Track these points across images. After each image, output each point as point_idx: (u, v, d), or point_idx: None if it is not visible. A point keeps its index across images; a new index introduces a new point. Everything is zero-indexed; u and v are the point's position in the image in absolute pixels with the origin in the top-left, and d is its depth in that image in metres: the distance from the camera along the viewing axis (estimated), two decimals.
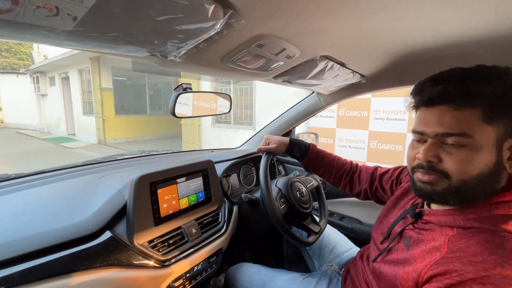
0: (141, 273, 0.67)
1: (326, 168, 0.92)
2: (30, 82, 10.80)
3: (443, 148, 0.46)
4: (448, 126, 0.45)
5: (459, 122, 0.44)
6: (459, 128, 0.44)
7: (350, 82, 1.07)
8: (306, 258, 1.06)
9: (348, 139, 3.73)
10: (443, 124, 0.45)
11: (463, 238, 0.44)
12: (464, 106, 0.44)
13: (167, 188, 0.79)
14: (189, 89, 0.84)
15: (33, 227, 0.62)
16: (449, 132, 0.45)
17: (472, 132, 0.43)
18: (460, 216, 0.47)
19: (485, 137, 0.43)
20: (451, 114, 0.45)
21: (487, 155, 0.43)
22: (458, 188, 0.45)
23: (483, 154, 0.43)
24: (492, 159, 0.43)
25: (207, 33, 0.45)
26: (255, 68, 0.72)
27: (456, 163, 0.44)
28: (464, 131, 0.43)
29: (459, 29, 0.65)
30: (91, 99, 8.09)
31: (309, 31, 0.58)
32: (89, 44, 0.40)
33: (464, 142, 0.43)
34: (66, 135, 9.52)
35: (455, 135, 0.44)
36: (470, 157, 0.43)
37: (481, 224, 0.44)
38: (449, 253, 0.44)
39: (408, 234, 0.56)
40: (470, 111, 0.43)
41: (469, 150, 0.43)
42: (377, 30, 0.63)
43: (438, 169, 0.47)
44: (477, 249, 0.41)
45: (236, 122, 5.57)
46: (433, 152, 0.47)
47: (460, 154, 0.44)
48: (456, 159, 0.44)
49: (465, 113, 0.44)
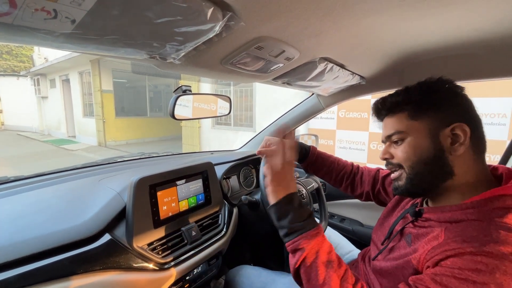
0: (140, 276, 0.67)
1: (327, 170, 0.92)
2: (30, 84, 10.84)
3: (393, 146, 0.59)
4: (388, 129, 0.59)
5: (394, 124, 0.58)
6: (394, 128, 0.57)
7: (350, 84, 1.07)
8: None
9: (349, 141, 3.72)
10: (386, 129, 0.60)
11: (459, 226, 0.47)
12: (394, 113, 0.58)
13: (166, 191, 0.78)
14: (188, 91, 0.84)
15: (33, 230, 0.62)
16: (389, 133, 0.59)
17: (403, 129, 0.56)
18: (458, 211, 0.49)
19: (416, 130, 0.54)
20: (388, 121, 0.60)
21: (423, 143, 0.53)
22: (411, 174, 0.55)
23: (418, 143, 0.54)
24: (430, 145, 0.53)
25: (206, 36, 0.45)
26: (254, 70, 0.72)
27: (401, 153, 0.56)
28: (398, 129, 0.57)
29: (458, 30, 0.65)
30: (92, 101, 8.11)
31: (308, 33, 0.58)
32: (88, 46, 0.40)
33: (401, 137, 0.56)
34: (67, 137, 9.53)
35: (393, 134, 0.57)
36: (409, 146, 0.55)
37: (478, 217, 0.46)
38: (446, 239, 0.46)
39: (408, 231, 0.57)
40: (398, 115, 0.57)
41: (407, 142, 0.55)
42: (376, 32, 0.63)
43: (393, 163, 0.59)
44: (473, 233, 0.44)
45: (236, 124, 5.57)
46: (386, 151, 0.60)
47: (402, 146, 0.56)
48: (400, 150, 0.56)
49: (396, 117, 0.58)
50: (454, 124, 0.51)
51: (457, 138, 0.51)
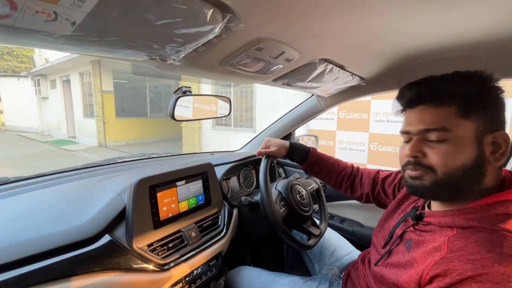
0: (140, 277, 0.67)
1: (327, 172, 0.92)
2: (31, 85, 10.86)
3: (427, 144, 0.50)
4: (428, 122, 0.49)
5: (437, 118, 0.48)
6: (437, 123, 0.48)
7: (350, 85, 1.07)
8: (307, 261, 1.05)
9: (349, 141, 3.72)
10: (424, 121, 0.49)
11: (462, 238, 0.45)
12: (439, 104, 0.48)
13: (166, 192, 0.78)
14: (188, 92, 0.84)
15: (32, 230, 0.62)
16: (429, 127, 0.49)
17: (450, 126, 0.47)
18: (460, 216, 0.48)
19: (463, 131, 0.46)
20: (429, 112, 0.49)
21: (468, 148, 0.46)
22: (444, 180, 0.48)
23: (463, 147, 0.46)
24: (474, 152, 0.46)
25: (206, 37, 0.46)
26: (254, 71, 0.73)
27: (439, 156, 0.47)
28: (443, 126, 0.47)
29: (458, 32, 0.65)
30: (92, 102, 8.12)
31: (307, 34, 0.58)
32: (88, 48, 0.40)
33: (444, 136, 0.47)
34: (67, 137, 9.54)
35: (435, 130, 0.48)
36: (451, 150, 0.47)
37: (480, 223, 0.45)
38: (449, 253, 0.44)
39: (409, 236, 0.56)
40: (446, 107, 0.47)
41: (450, 144, 0.47)
42: (375, 33, 0.63)
43: (423, 164, 0.50)
44: (475, 248, 0.42)
45: (236, 125, 5.57)
46: (417, 147, 0.50)
47: (441, 147, 0.47)
48: (439, 152, 0.48)
49: (442, 110, 0.48)
50: (498, 132, 0.46)
51: (497, 147, 0.47)
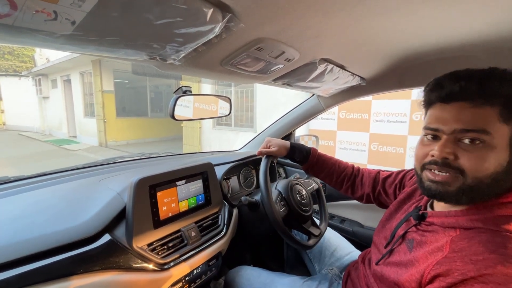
0: (140, 276, 0.67)
1: (327, 173, 0.92)
2: (32, 84, 10.88)
3: (458, 145, 0.46)
4: (467, 122, 0.44)
5: (478, 119, 0.44)
6: (478, 125, 0.44)
7: (350, 85, 1.07)
8: (306, 261, 1.05)
9: (349, 142, 3.72)
10: (461, 120, 0.45)
11: (465, 238, 0.45)
12: (482, 104, 0.44)
13: (166, 191, 0.78)
14: (188, 92, 0.84)
15: (33, 230, 0.62)
16: (467, 128, 0.44)
17: (490, 129, 0.43)
18: (463, 217, 0.47)
19: (501, 136, 0.43)
20: (469, 111, 0.45)
21: (501, 154, 0.43)
22: (472, 186, 0.45)
23: (498, 152, 0.43)
24: (506, 157, 0.43)
25: (206, 37, 0.46)
26: (254, 71, 0.73)
27: (472, 160, 0.44)
28: (483, 128, 0.43)
29: (458, 32, 0.65)
30: (93, 102, 8.13)
31: (308, 34, 0.58)
32: (88, 48, 0.40)
33: (482, 139, 0.43)
34: (68, 137, 9.55)
35: (473, 131, 0.44)
36: (487, 154, 0.43)
37: (484, 224, 0.44)
38: (451, 253, 0.44)
39: (411, 236, 0.56)
40: (489, 108, 0.43)
41: (486, 148, 0.43)
42: (376, 33, 0.63)
43: (453, 166, 0.46)
44: (479, 248, 0.41)
45: (236, 125, 5.57)
46: (449, 148, 0.46)
47: (476, 151, 0.44)
48: (473, 156, 0.44)
49: (484, 110, 0.44)
50: None
51: None
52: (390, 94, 3.13)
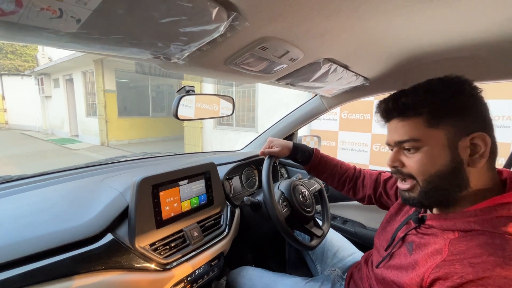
0: (142, 276, 0.67)
1: (329, 174, 0.91)
2: (34, 83, 10.93)
3: (404, 154, 0.53)
4: (400, 134, 0.52)
5: (407, 130, 0.51)
6: (408, 135, 0.51)
7: (354, 85, 1.06)
8: (309, 262, 1.05)
9: (351, 142, 3.71)
10: (397, 133, 0.53)
11: (463, 241, 0.45)
12: (407, 117, 0.51)
13: (169, 191, 0.78)
14: (192, 92, 0.84)
15: (35, 229, 0.62)
16: (401, 139, 0.52)
17: (418, 136, 0.49)
18: (461, 219, 0.47)
19: (433, 139, 0.48)
20: (400, 125, 0.52)
21: (441, 154, 0.48)
22: (426, 187, 0.50)
23: (436, 154, 0.48)
24: (447, 157, 0.48)
25: (210, 36, 0.45)
26: (258, 70, 0.72)
27: (414, 164, 0.51)
28: (412, 137, 0.50)
29: (463, 33, 0.64)
30: (95, 101, 8.16)
31: (312, 34, 0.58)
32: (93, 46, 0.40)
33: (416, 145, 0.50)
34: (70, 136, 9.59)
35: (407, 141, 0.51)
36: (424, 158, 0.49)
37: (481, 226, 0.44)
38: (450, 256, 0.44)
39: (410, 238, 0.56)
40: (414, 119, 0.50)
41: (423, 152, 0.49)
42: (380, 33, 0.63)
43: (404, 173, 0.53)
44: (477, 251, 0.42)
45: (238, 125, 5.57)
46: (396, 158, 0.54)
47: (416, 156, 0.50)
48: (414, 160, 0.51)
49: (410, 122, 0.51)
50: (474, 134, 0.47)
51: (476, 149, 0.47)
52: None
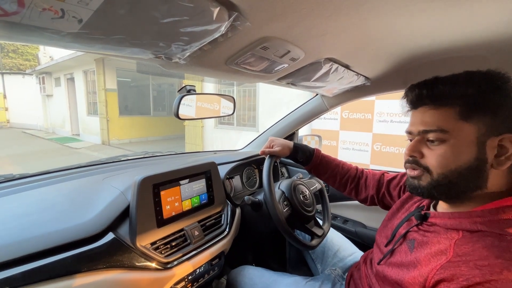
0: (143, 275, 0.67)
1: (331, 174, 0.91)
2: (36, 82, 10.95)
3: (426, 145, 0.50)
4: (427, 123, 0.49)
5: (437, 119, 0.48)
6: (436, 125, 0.48)
7: (355, 85, 1.06)
8: (309, 261, 1.05)
9: (352, 142, 3.70)
10: (424, 122, 0.50)
11: (469, 242, 0.44)
12: (440, 105, 0.48)
13: (170, 190, 0.78)
14: (193, 91, 0.84)
15: (37, 228, 0.62)
16: (428, 129, 0.49)
17: (448, 128, 0.46)
18: (467, 219, 0.47)
19: (463, 134, 0.46)
20: (430, 113, 0.49)
21: (467, 151, 0.45)
22: (440, 182, 0.48)
23: (461, 150, 0.46)
24: (472, 155, 0.45)
25: (212, 36, 0.45)
26: (259, 70, 0.72)
27: (435, 158, 0.48)
28: (440, 127, 0.47)
29: (465, 32, 0.64)
30: (96, 100, 8.17)
31: (313, 33, 0.58)
32: (94, 46, 0.40)
33: (442, 137, 0.47)
34: (71, 135, 9.61)
35: (433, 131, 0.48)
36: (449, 152, 0.46)
37: (488, 227, 0.44)
38: (455, 257, 0.44)
39: (412, 236, 0.56)
40: (447, 109, 0.47)
41: (448, 146, 0.47)
42: (382, 32, 0.63)
43: (420, 164, 0.51)
44: (483, 253, 0.41)
45: (239, 124, 5.57)
46: (416, 148, 0.51)
47: (439, 149, 0.48)
48: (436, 154, 0.48)
49: (442, 111, 0.48)
50: (505, 135, 0.44)
51: (503, 150, 0.45)
52: (394, 94, 3.10)
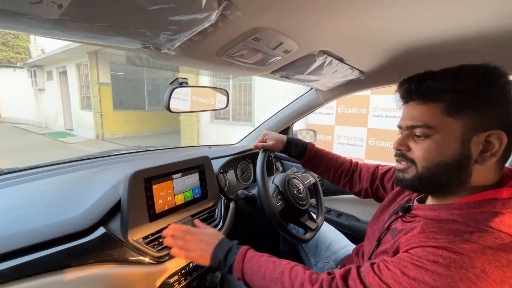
0: (136, 269, 0.67)
1: (325, 168, 0.91)
2: (27, 76, 10.71)
3: (414, 139, 0.51)
4: (415, 118, 0.50)
5: (423, 115, 0.48)
6: (422, 120, 0.48)
7: (349, 78, 1.05)
8: (302, 254, 1.06)
9: (347, 136, 3.72)
10: (412, 117, 0.50)
11: (438, 223, 0.46)
12: (427, 101, 0.48)
13: (162, 184, 0.78)
14: (185, 84, 0.83)
15: (26, 222, 0.61)
16: (414, 124, 0.49)
17: (433, 124, 0.47)
18: (446, 211, 0.47)
19: (448, 129, 0.46)
20: (417, 108, 0.49)
21: (450, 146, 0.46)
22: (423, 174, 0.49)
23: (445, 144, 0.46)
24: (456, 150, 0.46)
25: (201, 25, 0.44)
26: (252, 62, 0.71)
27: (420, 151, 0.49)
28: (426, 123, 0.48)
29: (460, 26, 0.64)
30: (89, 94, 8.04)
31: (307, 25, 0.57)
32: (77, 34, 0.38)
33: (428, 133, 0.48)
34: (64, 130, 9.48)
35: (419, 127, 0.49)
36: (432, 146, 0.47)
37: (463, 219, 0.44)
38: (420, 233, 0.46)
39: (394, 226, 0.58)
40: (433, 105, 0.47)
41: (433, 140, 0.47)
42: (376, 25, 0.62)
43: (407, 157, 0.52)
44: (445, 232, 0.43)
45: (234, 118, 5.55)
46: (403, 142, 0.52)
47: (424, 143, 0.48)
48: (421, 147, 0.49)
49: (428, 107, 0.48)
50: (492, 131, 0.44)
51: (489, 146, 0.44)
52: (389, 89, 3.11)
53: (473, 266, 0.37)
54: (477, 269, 0.36)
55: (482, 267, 0.36)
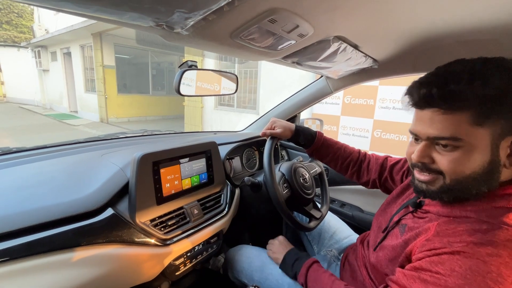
0: (142, 250, 0.68)
1: (332, 157, 0.90)
2: (31, 56, 10.64)
3: (436, 149, 0.47)
4: (438, 129, 0.44)
5: (449, 126, 0.43)
6: (449, 132, 0.43)
7: (362, 67, 1.02)
8: (305, 243, 1.07)
9: (352, 127, 3.68)
10: (434, 127, 0.45)
11: (452, 223, 0.45)
12: (452, 110, 0.43)
13: (170, 168, 0.78)
14: (194, 67, 0.81)
15: (36, 201, 0.62)
16: (439, 136, 0.44)
17: (462, 136, 0.42)
18: (459, 207, 0.47)
19: (477, 139, 0.42)
20: (440, 118, 0.44)
21: (481, 155, 0.42)
22: (452, 186, 0.46)
23: (476, 155, 0.43)
24: (487, 158, 0.42)
25: (217, 3, 0.42)
26: (264, 46, 0.69)
27: (448, 163, 0.44)
28: (454, 135, 0.43)
29: (481, 14, 0.60)
30: (93, 77, 7.99)
31: (324, 7, 0.54)
32: (90, 8, 0.36)
33: (456, 144, 0.43)
34: (69, 112, 9.51)
35: (445, 139, 0.44)
36: (462, 158, 0.43)
37: (476, 215, 0.44)
38: (434, 236, 0.45)
39: (405, 221, 0.57)
40: (459, 114, 0.42)
41: (461, 152, 0.43)
42: (394, 11, 0.59)
43: (432, 169, 0.47)
44: (460, 233, 0.42)
45: (239, 106, 5.50)
46: (425, 153, 0.48)
47: (452, 155, 0.44)
48: (449, 160, 0.44)
49: (454, 116, 0.42)
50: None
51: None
52: (397, 80, 3.04)
53: (489, 271, 0.36)
54: (493, 274, 0.36)
55: (498, 271, 0.36)
